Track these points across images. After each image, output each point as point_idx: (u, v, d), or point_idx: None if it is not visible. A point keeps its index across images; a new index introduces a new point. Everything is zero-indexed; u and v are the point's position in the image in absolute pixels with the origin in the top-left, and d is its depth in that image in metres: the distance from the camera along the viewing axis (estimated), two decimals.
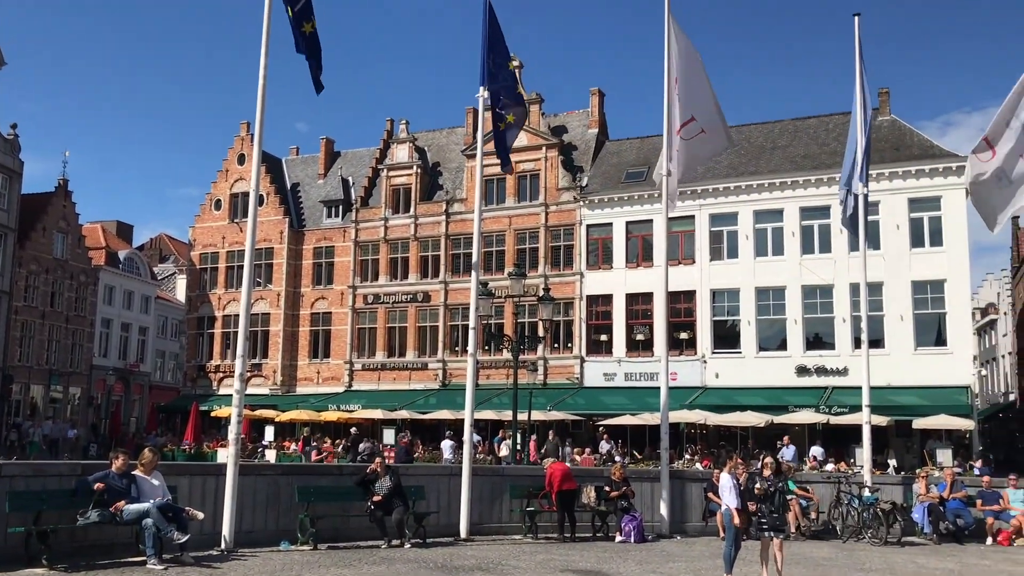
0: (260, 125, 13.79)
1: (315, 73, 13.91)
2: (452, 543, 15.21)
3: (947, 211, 33.89)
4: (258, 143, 14.09)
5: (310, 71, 13.89)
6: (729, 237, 37.26)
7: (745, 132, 41.05)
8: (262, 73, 13.60)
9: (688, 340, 37.28)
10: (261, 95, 13.60)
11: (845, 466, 27.21)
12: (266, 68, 13.62)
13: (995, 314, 62.59)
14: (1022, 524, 17.48)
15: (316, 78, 13.91)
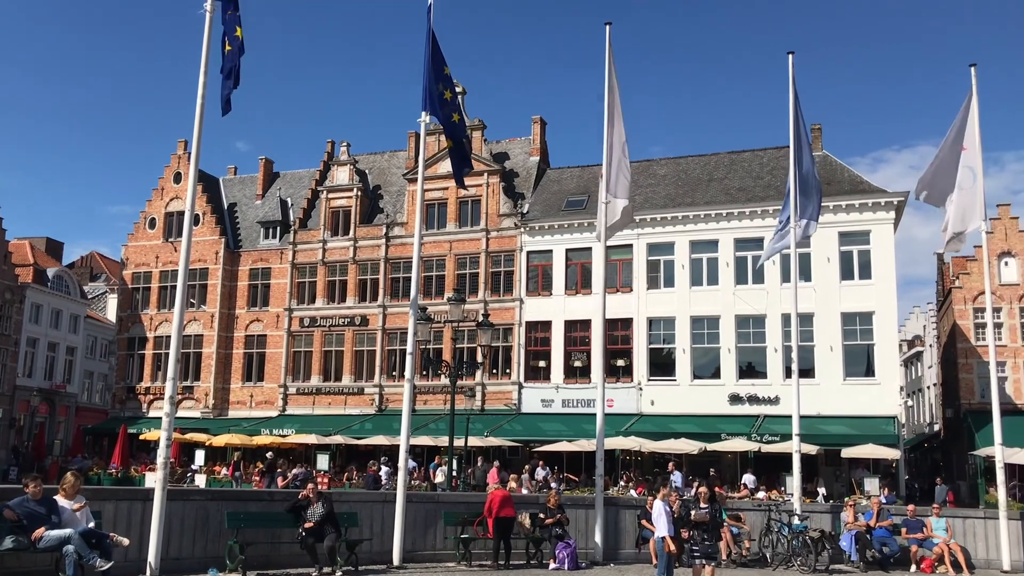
0: (197, 143, 13.62)
1: (232, 88, 13.59)
2: (385, 570, 15.05)
3: (876, 245, 34.87)
4: (195, 161, 13.89)
5: (224, 87, 13.58)
6: (666, 266, 37.81)
7: (683, 164, 41.88)
8: (200, 91, 13.44)
9: (625, 367, 37.60)
10: (199, 112, 13.43)
11: (776, 494, 27.62)
12: (205, 86, 13.46)
13: (921, 346, 64.46)
14: (944, 552, 17.93)
15: (227, 97, 13.57)
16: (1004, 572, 17.90)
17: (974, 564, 18.21)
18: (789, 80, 20.62)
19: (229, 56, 13.46)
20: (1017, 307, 39.15)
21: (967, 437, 37.56)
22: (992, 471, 20.30)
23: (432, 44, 16.71)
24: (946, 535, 18.32)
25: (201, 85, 13.44)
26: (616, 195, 18.98)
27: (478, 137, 42.62)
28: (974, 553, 18.58)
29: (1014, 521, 18.81)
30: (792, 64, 20.69)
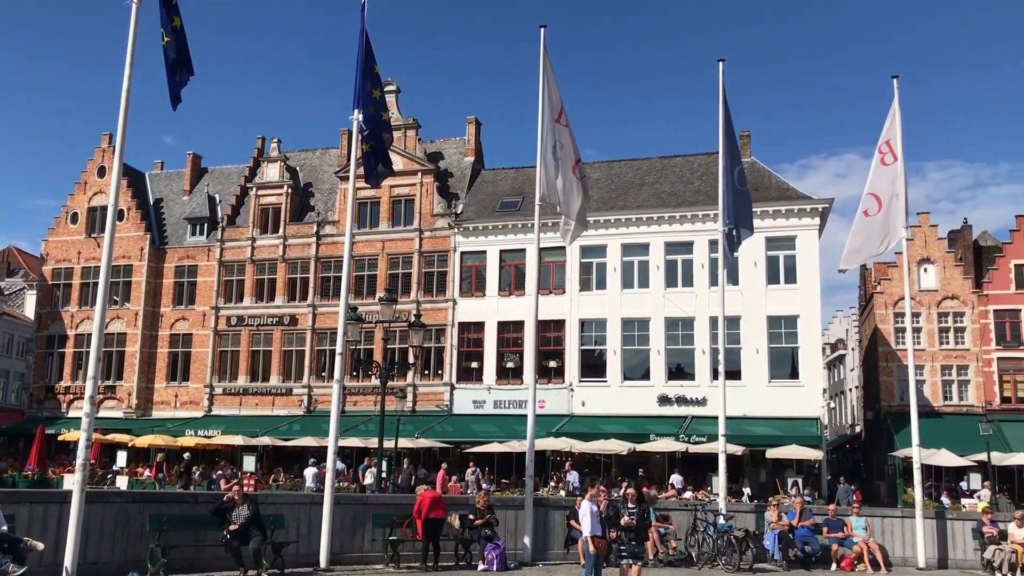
0: (122, 137, 13.23)
1: (179, 81, 13.30)
2: (311, 573, 14.87)
3: (801, 250, 35.71)
4: (119, 155, 13.50)
5: (169, 80, 13.27)
6: (598, 269, 38.15)
7: (616, 168, 42.29)
8: (125, 84, 13.07)
9: (557, 368, 37.82)
10: (124, 105, 13.05)
11: (703, 494, 28.05)
12: (130, 78, 13.09)
13: (843, 349, 66.24)
14: (864, 550, 18.43)
15: (176, 90, 13.30)
16: (920, 569, 18.46)
17: (892, 562, 18.73)
18: (719, 87, 20.97)
19: (169, 47, 13.12)
20: (935, 312, 40.50)
21: (887, 438, 38.74)
22: (910, 472, 20.92)
23: (365, 42, 16.57)
24: (865, 534, 18.81)
25: (126, 78, 13.07)
26: (576, 197, 19.13)
27: (412, 136, 42.45)
28: (892, 551, 19.12)
29: (929, 520, 19.42)
30: (722, 71, 21.03)
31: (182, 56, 13.22)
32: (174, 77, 13.16)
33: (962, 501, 30.82)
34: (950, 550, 19.34)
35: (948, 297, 40.57)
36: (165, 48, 13.11)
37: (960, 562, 19.09)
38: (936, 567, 18.81)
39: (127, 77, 13.09)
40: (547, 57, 19.03)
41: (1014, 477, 35.65)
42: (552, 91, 18.97)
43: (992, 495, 30.36)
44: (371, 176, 17.43)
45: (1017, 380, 39.34)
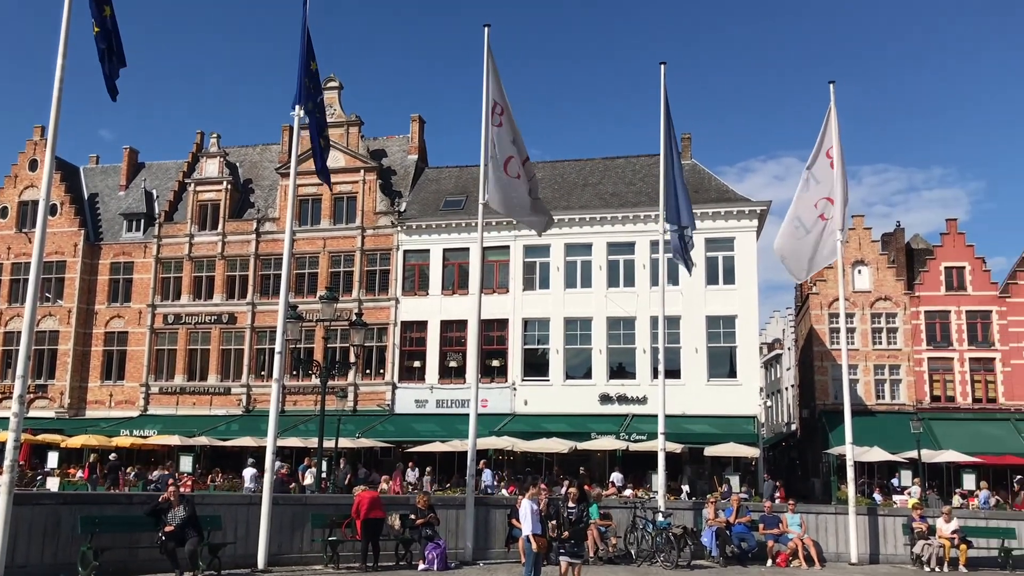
0: (54, 129, 12.89)
1: (110, 73, 13.00)
2: (249, 574, 14.67)
3: (739, 252, 36.30)
4: (51, 148, 13.13)
5: (103, 71, 12.98)
6: (541, 268, 38.31)
7: (560, 168, 42.50)
8: (58, 75, 12.73)
9: (500, 368, 37.86)
10: (56, 96, 12.72)
11: (642, 491, 28.35)
12: (63, 68, 12.76)
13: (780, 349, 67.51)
14: (798, 546, 18.81)
15: (111, 81, 13.02)
16: (852, 564, 18.90)
17: (825, 558, 19.14)
18: (661, 90, 21.21)
19: (100, 38, 12.80)
20: (869, 313, 41.51)
21: (822, 436, 39.58)
22: (844, 469, 21.41)
23: (306, 37, 16.40)
24: (800, 530, 19.22)
25: (59, 68, 12.74)
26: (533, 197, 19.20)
27: (355, 133, 42.14)
28: (826, 547, 19.54)
29: (862, 516, 19.89)
30: (664, 74, 21.30)
31: (113, 46, 12.92)
32: (106, 68, 12.87)
33: (893, 497, 31.67)
34: (881, 545, 19.84)
35: (881, 298, 41.62)
36: (96, 38, 12.81)
37: (891, 557, 19.60)
38: (868, 562, 19.28)
39: (59, 68, 12.77)
40: (491, 56, 19.04)
41: (943, 474, 36.66)
42: (496, 90, 18.97)
43: (922, 492, 31.24)
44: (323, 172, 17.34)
45: (946, 379, 40.52)
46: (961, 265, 41.48)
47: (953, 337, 40.71)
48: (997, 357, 40.13)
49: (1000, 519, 20.73)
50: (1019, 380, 39.63)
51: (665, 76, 21.25)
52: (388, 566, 16.51)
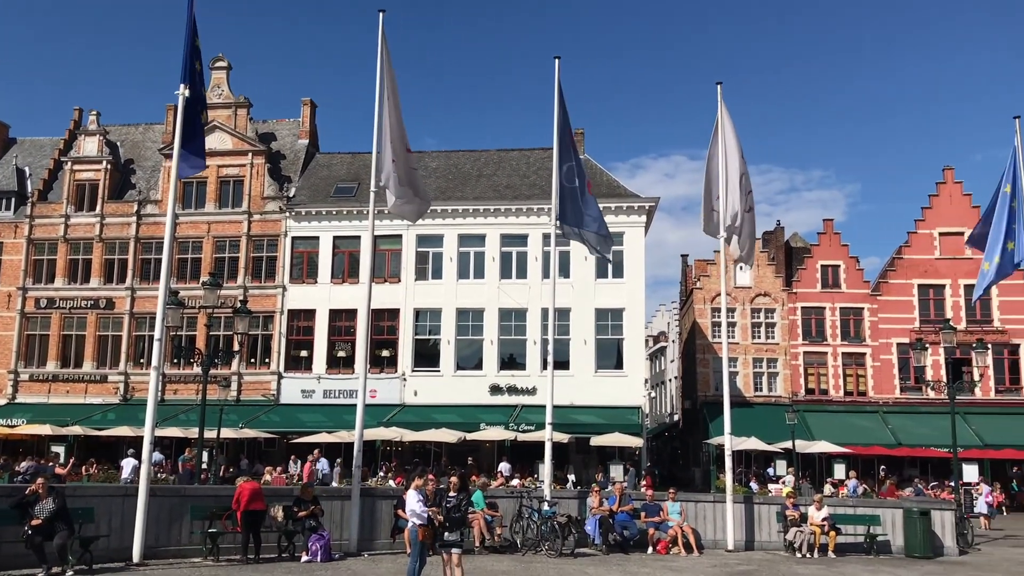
0: None
1: None
2: (123, 568, 14.15)
3: (628, 247, 36.98)
4: None
5: None
6: (434, 258, 38.16)
7: (454, 158, 42.40)
8: None
9: (390, 358, 37.54)
10: None
11: (529, 481, 28.60)
12: None
13: (665, 342, 69.22)
14: (678, 534, 19.33)
15: None
16: (728, 551, 19.53)
17: (703, 545, 19.71)
18: (555, 84, 21.33)
19: None
20: (749, 308, 42.96)
21: (703, 426, 40.80)
22: (723, 458, 22.09)
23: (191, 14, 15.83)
24: (680, 518, 19.74)
25: None
26: (405, 187, 18.92)
27: (243, 115, 41.01)
28: (704, 534, 20.13)
29: (738, 505, 20.56)
30: (558, 69, 21.42)
31: None
32: None
33: (769, 486, 32.88)
34: (757, 532, 20.57)
35: (761, 294, 43.13)
36: None
37: (765, 544, 20.34)
38: (744, 549, 19.96)
39: None
40: (385, 42, 18.78)
41: (815, 463, 38.34)
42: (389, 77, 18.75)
43: (796, 480, 32.54)
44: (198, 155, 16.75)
45: (820, 373, 42.34)
46: (836, 264, 43.37)
47: (827, 332, 42.56)
48: (868, 352, 42.15)
49: (867, 507, 21.77)
50: (887, 375, 41.76)
51: (559, 71, 21.38)
52: (270, 558, 16.17)
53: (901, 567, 17.79)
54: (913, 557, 19.47)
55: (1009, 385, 41.16)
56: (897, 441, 37.90)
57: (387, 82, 18.65)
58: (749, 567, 16.99)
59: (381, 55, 18.75)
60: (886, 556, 19.72)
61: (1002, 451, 36.79)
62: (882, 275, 43.51)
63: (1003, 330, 41.27)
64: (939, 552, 20.06)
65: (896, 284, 42.67)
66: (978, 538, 23.66)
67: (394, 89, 18.90)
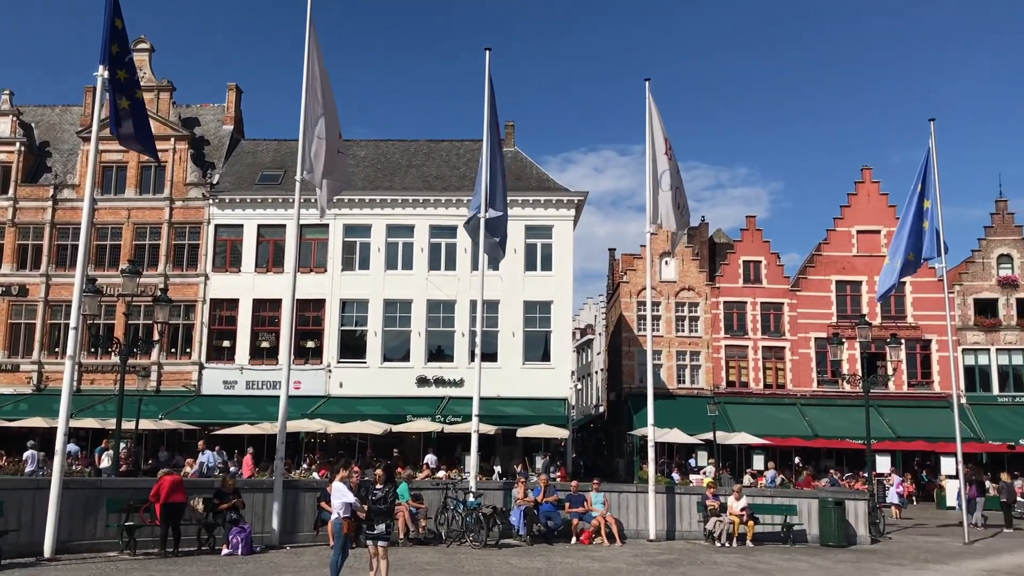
0: None
1: None
2: (34, 563, 13.73)
3: (557, 240, 37.22)
4: None
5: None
6: (362, 248, 37.78)
7: (383, 148, 42.05)
8: None
9: (315, 349, 37.08)
10: None
11: (455, 472, 28.62)
12: None
13: (592, 334, 69.87)
14: (601, 524, 19.57)
15: None
16: (650, 541, 19.85)
17: (626, 535, 20.01)
18: (486, 76, 21.31)
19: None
20: (674, 302, 43.67)
21: (627, 418, 41.36)
22: (646, 449, 22.41)
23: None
24: (604, 508, 19.99)
25: None
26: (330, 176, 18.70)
27: (166, 99, 39.98)
28: (627, 524, 20.43)
29: (660, 495, 20.92)
30: (489, 60, 21.39)
31: None
32: None
33: (690, 477, 33.52)
34: (678, 522, 20.97)
35: (685, 288, 43.88)
36: None
37: (686, 533, 20.74)
38: (665, 538, 20.31)
39: None
40: (313, 28, 18.54)
41: (736, 454, 39.22)
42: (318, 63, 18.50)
43: (716, 471, 33.22)
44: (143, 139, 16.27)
45: (741, 366, 43.29)
46: (758, 260, 44.37)
47: (748, 326, 43.53)
48: (787, 346, 43.25)
49: (784, 497, 22.35)
50: (805, 368, 42.91)
51: (490, 63, 21.35)
52: (189, 551, 15.88)
53: (816, 556, 18.32)
54: (828, 546, 20.07)
55: (921, 379, 42.70)
56: (814, 433, 39.00)
57: (316, 69, 18.41)
58: (670, 556, 17.30)
59: (309, 41, 18.51)
60: (802, 545, 20.30)
61: (913, 443, 38.16)
62: (802, 271, 44.66)
63: (916, 326, 42.76)
64: (852, 541, 20.74)
65: (815, 280, 43.87)
66: (889, 527, 24.53)
67: (325, 76, 18.67)
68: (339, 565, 11.92)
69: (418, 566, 14.86)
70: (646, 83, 21.99)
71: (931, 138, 23.28)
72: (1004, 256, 43.63)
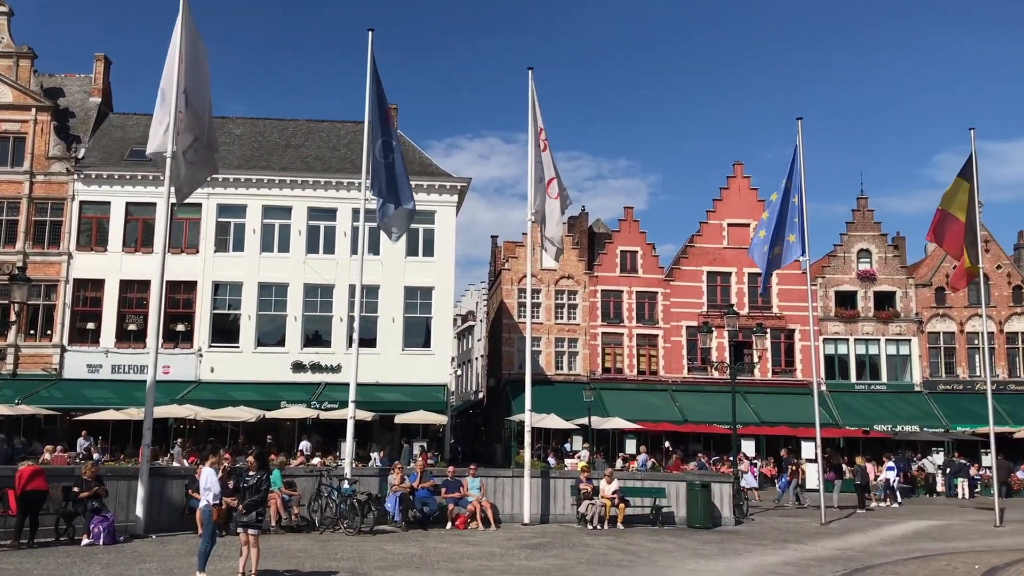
0: None
1: None
2: None
3: (440, 226, 37.08)
4: None
5: None
6: (236, 229, 36.70)
7: (261, 126, 40.95)
8: None
9: (185, 332, 35.85)
10: None
11: (331, 459, 28.28)
12: None
13: (473, 321, 70.10)
14: (477, 509, 19.72)
15: None
16: (524, 524, 20.15)
17: (501, 519, 20.25)
18: (368, 57, 21.04)
19: None
20: (554, 289, 44.26)
21: (505, 404, 41.74)
22: (523, 434, 22.68)
23: None
24: (480, 493, 20.14)
25: None
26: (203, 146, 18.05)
27: (27, 66, 37.72)
28: (503, 509, 20.67)
29: (536, 479, 21.26)
30: (372, 42, 21.13)
31: None
32: None
33: (565, 461, 34.16)
34: (552, 506, 21.36)
35: (565, 277, 44.55)
36: None
37: (560, 516, 21.16)
38: (539, 522, 20.67)
39: None
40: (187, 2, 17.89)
41: (609, 439, 40.16)
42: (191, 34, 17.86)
43: (590, 455, 33.97)
44: None
45: (616, 353, 44.29)
46: (635, 250, 45.45)
47: (624, 315, 44.57)
48: (660, 334, 44.50)
49: (654, 480, 23.08)
50: (676, 355, 44.27)
51: (373, 44, 21.09)
52: (47, 542, 15.17)
53: (683, 537, 18.98)
54: (694, 527, 20.84)
55: (784, 367, 44.68)
56: (684, 418, 40.33)
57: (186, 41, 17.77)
58: (543, 540, 17.61)
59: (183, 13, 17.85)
60: (670, 527, 21.00)
61: (777, 428, 39.92)
62: (675, 262, 46.01)
63: (781, 316, 44.70)
64: (718, 522, 21.59)
65: (688, 271, 45.26)
66: (752, 509, 25.64)
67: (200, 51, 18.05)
68: (207, 553, 11.62)
69: (290, 553, 14.63)
70: (529, 72, 22.19)
71: (799, 136, 24.38)
72: (864, 251, 46.06)
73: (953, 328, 44.96)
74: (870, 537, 19.93)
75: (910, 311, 45.14)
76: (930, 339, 44.94)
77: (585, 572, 13.61)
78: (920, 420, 41.58)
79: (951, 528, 22.57)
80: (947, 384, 44.25)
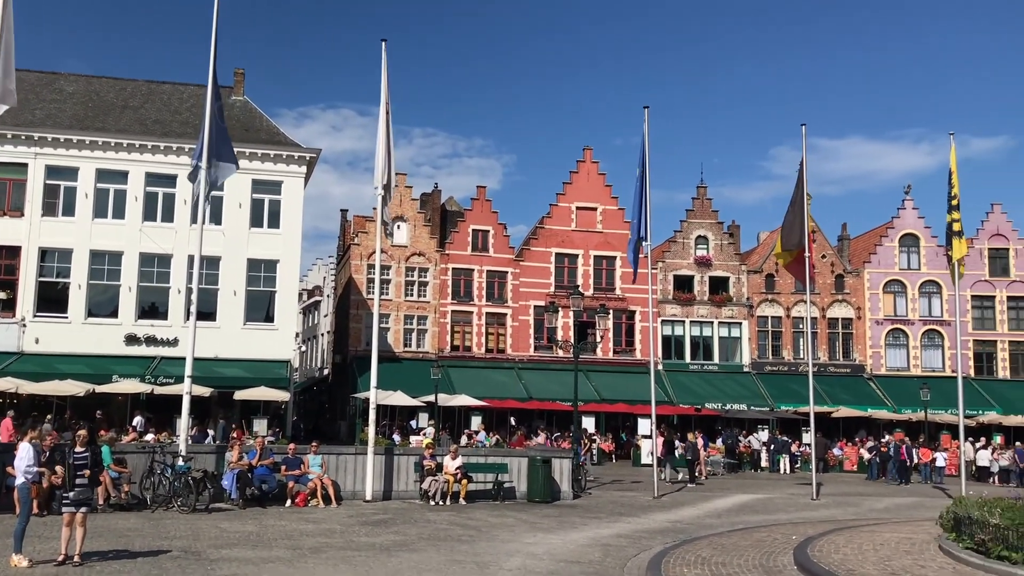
0: None
1: None
2: None
3: (286, 197, 36.09)
4: None
5: None
6: (67, 193, 34.53)
7: (95, 85, 38.68)
8: None
9: (7, 301, 33.52)
10: None
11: (166, 436, 27.22)
12: None
13: (320, 296, 68.88)
14: (318, 486, 19.49)
15: None
16: (367, 501, 20.10)
17: (343, 496, 20.09)
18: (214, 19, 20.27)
19: None
20: (404, 266, 44.06)
21: (351, 381, 41.33)
22: (368, 412, 22.55)
23: None
24: (321, 471, 19.91)
25: None
26: None
27: None
28: (345, 486, 20.52)
29: (379, 456, 21.22)
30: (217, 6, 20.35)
31: None
32: None
33: (411, 438, 34.19)
34: (395, 483, 21.39)
35: (416, 254, 44.42)
36: None
37: (403, 493, 21.22)
38: (382, 499, 20.66)
39: None
40: None
41: (456, 415, 40.47)
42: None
43: (436, 432, 34.12)
44: None
45: (465, 331, 44.61)
46: (486, 229, 45.79)
47: (475, 293, 44.91)
48: (509, 313, 45.12)
49: (497, 456, 23.46)
50: (524, 334, 45.02)
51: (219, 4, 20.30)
52: None
53: (523, 511, 19.42)
54: (534, 502, 21.36)
55: (625, 347, 46.22)
56: (529, 395, 41.14)
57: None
58: (385, 516, 17.62)
59: None
60: (511, 501, 21.44)
61: (616, 405, 41.31)
62: (525, 242, 46.68)
63: (623, 298, 46.17)
64: (557, 496, 22.21)
65: (537, 251, 46.03)
66: (590, 483, 26.48)
67: None
68: (22, 533, 10.97)
69: (119, 532, 14.03)
70: (383, 43, 21.94)
71: (645, 124, 25.18)
72: (701, 237, 48.14)
73: (780, 313, 47.72)
74: (698, 510, 21.01)
75: (742, 296, 47.59)
76: (759, 323, 47.55)
77: (425, 547, 13.72)
78: (748, 399, 44.01)
79: (773, 501, 24.07)
80: (773, 365, 46.98)
